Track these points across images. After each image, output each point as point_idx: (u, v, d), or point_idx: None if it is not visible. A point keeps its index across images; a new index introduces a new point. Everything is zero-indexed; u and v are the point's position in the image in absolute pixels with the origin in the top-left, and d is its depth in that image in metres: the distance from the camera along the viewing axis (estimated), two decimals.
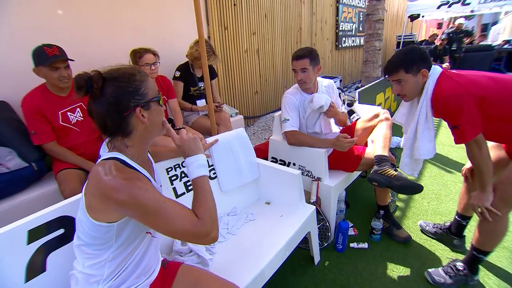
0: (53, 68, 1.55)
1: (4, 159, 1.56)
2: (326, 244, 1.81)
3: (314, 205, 1.65)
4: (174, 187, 1.42)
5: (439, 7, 7.05)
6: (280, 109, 1.96)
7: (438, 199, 2.27)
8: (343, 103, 2.39)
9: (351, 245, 1.81)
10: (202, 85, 2.59)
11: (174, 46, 2.78)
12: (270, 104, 4.59)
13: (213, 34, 3.33)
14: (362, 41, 6.69)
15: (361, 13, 7.06)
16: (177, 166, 1.44)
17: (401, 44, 7.89)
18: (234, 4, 3.55)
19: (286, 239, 1.33)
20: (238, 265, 1.20)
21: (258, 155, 1.76)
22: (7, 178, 1.56)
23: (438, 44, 6.18)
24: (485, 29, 12.27)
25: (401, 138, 1.82)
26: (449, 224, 1.79)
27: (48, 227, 0.99)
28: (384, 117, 1.85)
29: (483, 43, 7.81)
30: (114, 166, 0.75)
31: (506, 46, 7.10)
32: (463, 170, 1.64)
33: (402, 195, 2.31)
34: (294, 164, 1.95)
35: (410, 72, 1.38)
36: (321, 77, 1.92)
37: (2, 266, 0.90)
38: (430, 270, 1.54)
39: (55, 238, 1.01)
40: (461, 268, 1.47)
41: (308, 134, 1.93)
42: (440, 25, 12.53)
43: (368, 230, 1.90)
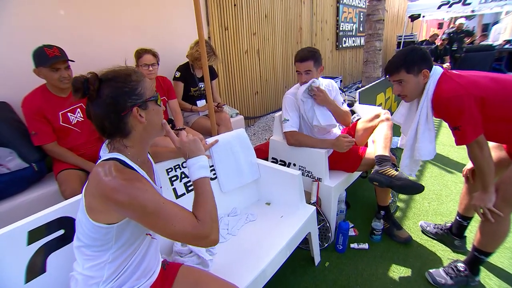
0: (54, 69, 1.55)
1: (5, 160, 1.56)
2: (327, 245, 1.81)
3: (315, 206, 1.65)
4: (174, 188, 1.41)
5: (440, 7, 7.05)
6: (281, 110, 1.96)
7: (439, 200, 2.27)
8: (344, 102, 2.38)
9: (352, 246, 1.81)
10: (202, 86, 2.59)
11: (174, 46, 2.78)
12: (271, 105, 4.59)
13: (213, 35, 3.33)
14: (363, 41, 6.71)
15: (362, 13, 7.06)
16: (177, 167, 1.44)
17: (402, 44, 7.87)
18: (235, 5, 3.55)
19: (287, 240, 1.33)
20: (238, 266, 1.20)
21: (259, 156, 1.76)
22: (8, 179, 1.56)
23: (439, 44, 6.19)
24: (486, 29, 12.24)
25: (399, 138, 1.82)
26: (450, 225, 1.79)
27: (48, 228, 0.99)
28: (385, 118, 1.84)
29: (484, 43, 7.79)
30: (114, 167, 0.75)
31: (507, 46, 7.08)
32: (464, 171, 1.64)
33: (403, 196, 2.30)
34: (295, 165, 1.95)
35: (411, 73, 1.38)
36: (321, 78, 1.93)
37: (2, 267, 0.90)
38: (431, 271, 1.54)
39: (55, 239, 1.01)
40: (462, 269, 1.46)
41: (310, 133, 1.93)
42: (441, 25, 12.54)
43: (369, 231, 1.90)
